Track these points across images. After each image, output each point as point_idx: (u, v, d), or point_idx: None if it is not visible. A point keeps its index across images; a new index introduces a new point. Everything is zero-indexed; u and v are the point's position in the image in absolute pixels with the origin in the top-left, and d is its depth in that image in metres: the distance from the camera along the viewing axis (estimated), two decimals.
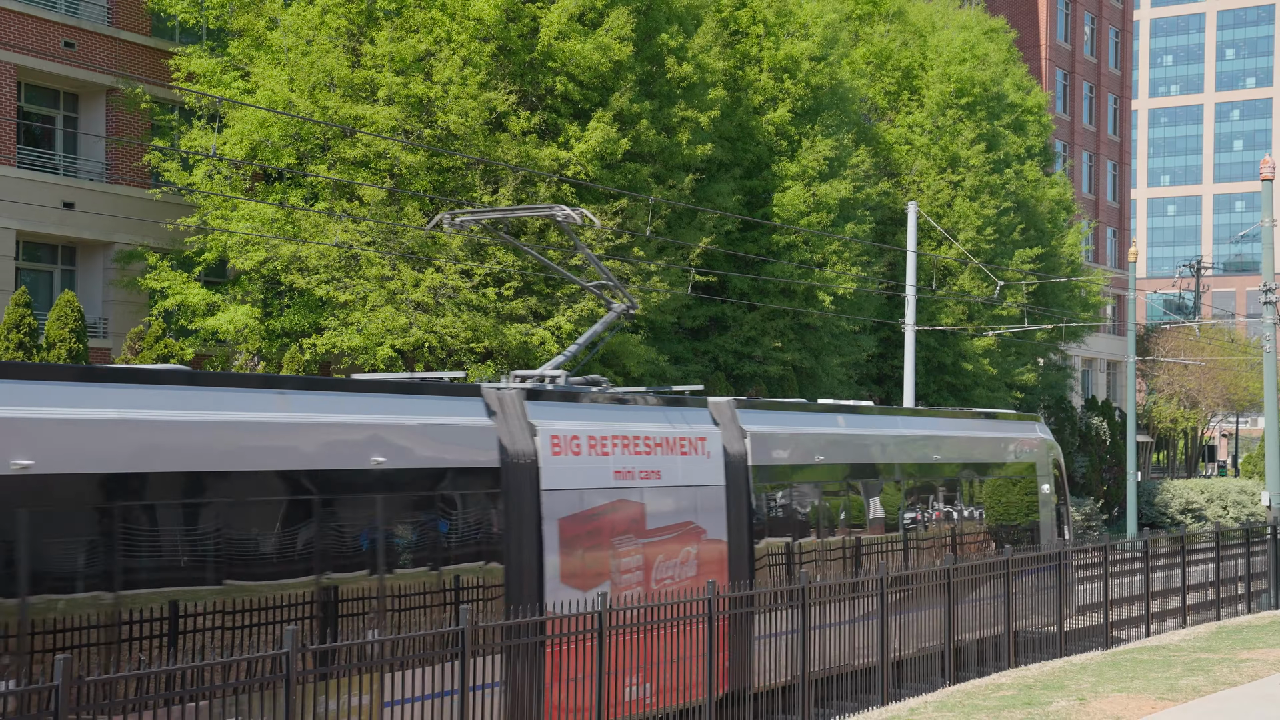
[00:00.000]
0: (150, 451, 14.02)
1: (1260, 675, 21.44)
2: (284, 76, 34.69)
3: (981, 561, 24.35)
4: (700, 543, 20.85)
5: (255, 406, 15.40)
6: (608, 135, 35.15)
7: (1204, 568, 33.58)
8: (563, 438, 18.96)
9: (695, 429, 21.20)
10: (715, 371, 43.20)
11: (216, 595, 14.34)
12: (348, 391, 16.64)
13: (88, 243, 38.54)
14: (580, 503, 19.04)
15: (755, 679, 20.37)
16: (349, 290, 34.54)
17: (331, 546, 15.68)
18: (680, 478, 20.74)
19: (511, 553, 17.86)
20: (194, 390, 14.91)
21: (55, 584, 13.02)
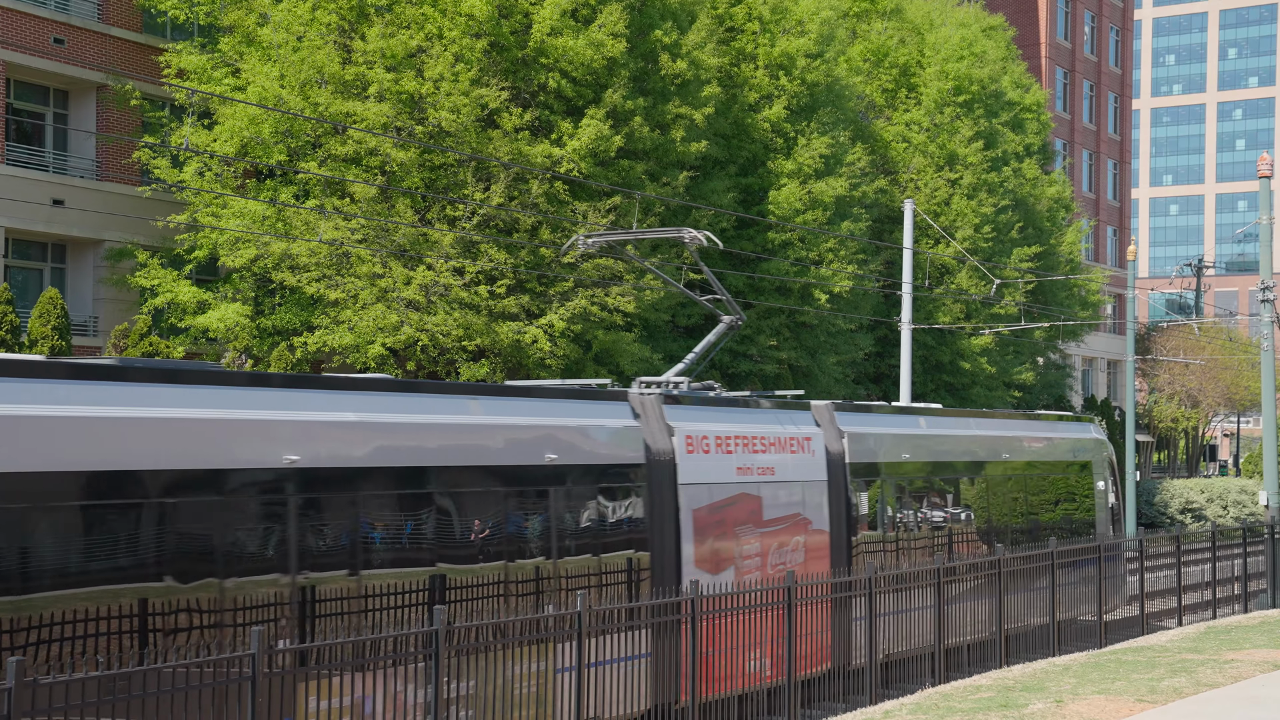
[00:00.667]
0: (388, 450, 16.49)
1: (1244, 676, 21.14)
2: (274, 73, 34.47)
3: (1026, 554, 25.85)
4: (807, 532, 23.12)
5: (458, 411, 17.86)
6: (601, 132, 34.92)
7: (1201, 568, 33.31)
8: (695, 438, 21.14)
9: (801, 430, 23.37)
10: (710, 370, 42.94)
11: (434, 573, 16.81)
12: (523, 397, 19.00)
13: (78, 240, 38.33)
14: (709, 496, 21.25)
15: (854, 656, 22.40)
16: (340, 288, 34.31)
17: (518, 532, 18.13)
18: (790, 474, 22.89)
19: (655, 539, 20.15)
20: (408, 396, 17.35)
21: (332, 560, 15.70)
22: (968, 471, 28.06)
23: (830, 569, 23.08)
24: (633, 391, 20.93)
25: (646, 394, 21.07)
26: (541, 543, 18.41)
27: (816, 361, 45.12)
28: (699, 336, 43.47)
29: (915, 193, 52.54)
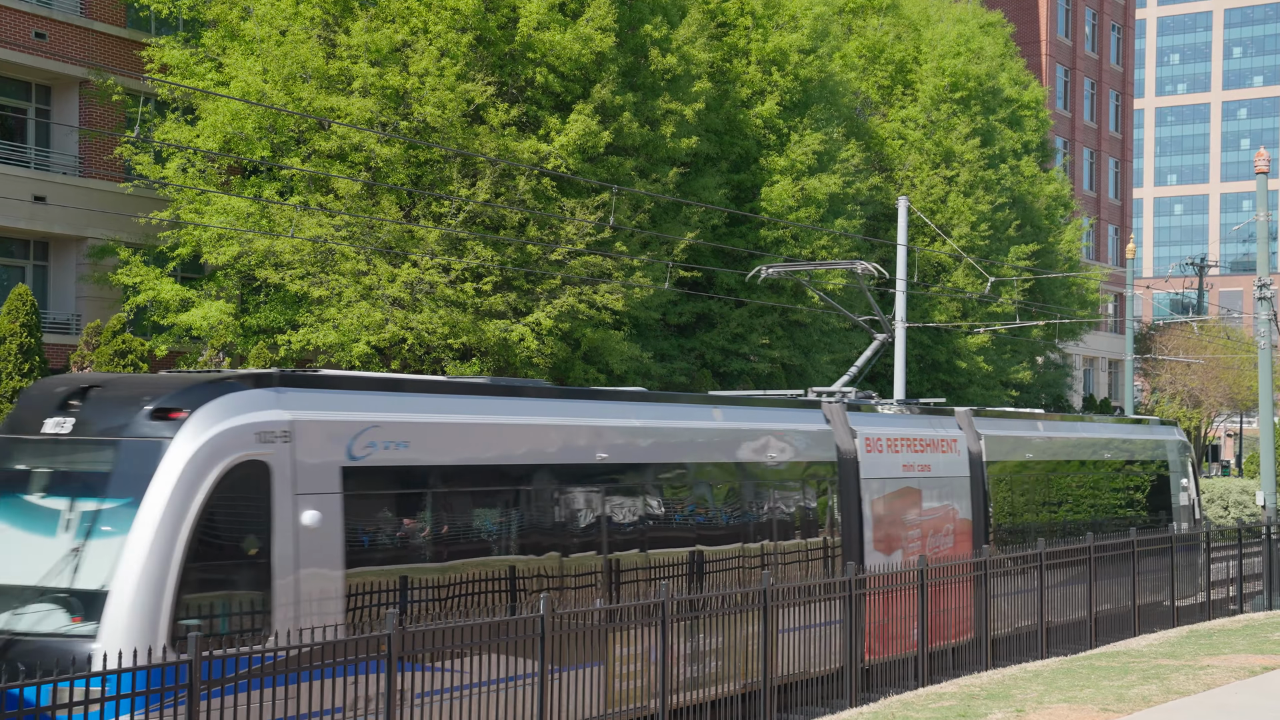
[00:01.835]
0: (662, 448, 20.42)
1: (1217, 683, 20.53)
2: (257, 68, 34.04)
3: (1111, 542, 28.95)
4: (954, 521, 26.88)
5: (705, 418, 21.70)
6: (589, 128, 34.48)
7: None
8: (872, 439, 24.82)
9: (948, 432, 27.12)
10: (702, 369, 42.53)
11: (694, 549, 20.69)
12: (744, 405, 22.81)
13: (60, 237, 37.93)
14: (883, 489, 24.94)
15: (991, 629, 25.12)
16: (324, 286, 33.88)
17: (751, 518, 21.98)
18: (942, 470, 26.55)
19: (845, 525, 23.94)
20: (665, 405, 21.22)
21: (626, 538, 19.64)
22: (1077, 469, 31.65)
23: (972, 551, 26.45)
24: (824, 401, 24.71)
25: (833, 403, 24.70)
26: (766, 526, 22.24)
27: (810, 360, 44.68)
28: (690, 335, 43.08)
29: (911, 190, 52.06)
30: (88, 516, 14.65)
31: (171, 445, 14.70)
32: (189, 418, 14.87)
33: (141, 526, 14.27)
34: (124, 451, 14.91)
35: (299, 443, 15.46)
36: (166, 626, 14.05)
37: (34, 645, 13.87)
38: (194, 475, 14.62)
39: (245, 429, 15.09)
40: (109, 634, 13.84)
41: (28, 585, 14.43)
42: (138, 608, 13.97)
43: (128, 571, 14.07)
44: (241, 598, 14.88)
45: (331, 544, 15.52)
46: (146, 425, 14.92)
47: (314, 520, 15.41)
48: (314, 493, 15.47)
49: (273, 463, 15.18)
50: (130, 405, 15.09)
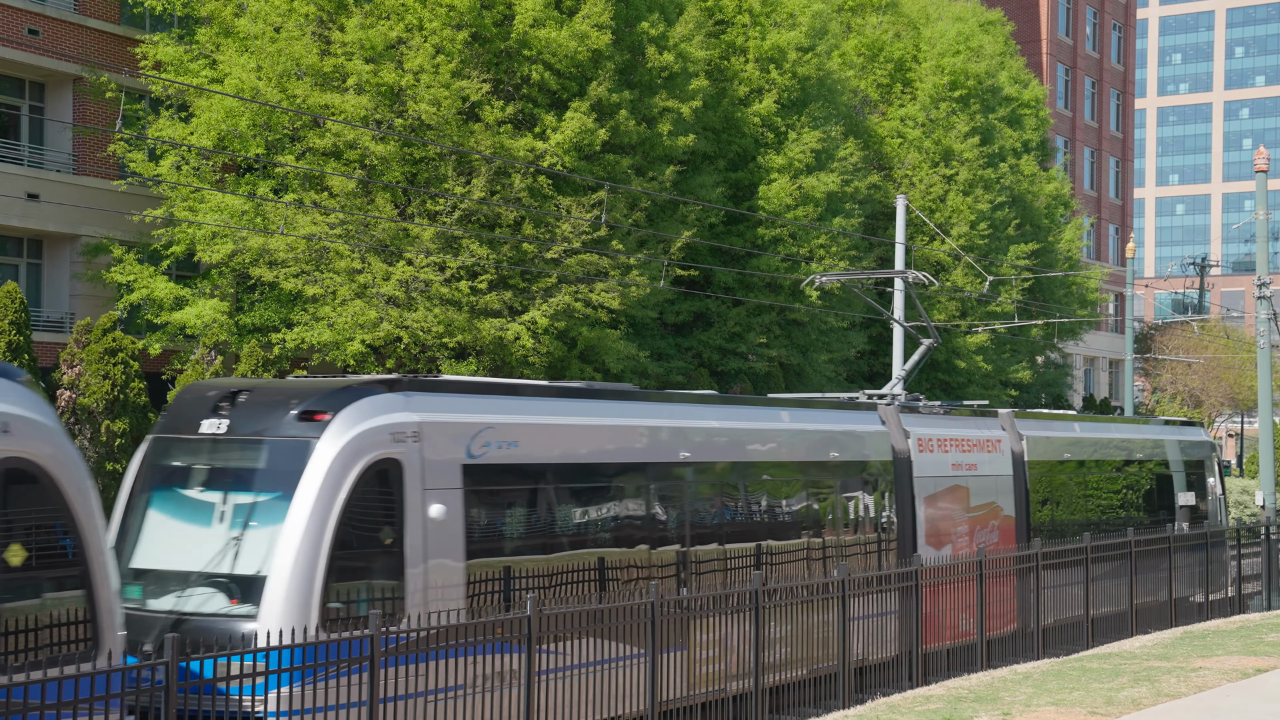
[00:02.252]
0: (737, 447, 22.09)
1: (1208, 686, 20.27)
2: (251, 65, 33.86)
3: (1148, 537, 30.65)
4: (999, 517, 28.41)
5: (774, 420, 23.28)
6: (585, 125, 34.29)
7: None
8: (923, 440, 26.39)
9: (992, 433, 28.76)
10: (699, 368, 42.34)
11: (764, 542, 22.24)
12: (807, 407, 24.47)
13: (54, 235, 37.75)
14: (934, 486, 26.51)
15: (1033, 620, 26.49)
16: (318, 284, 33.69)
17: (815, 512, 23.57)
18: (986, 469, 28.11)
19: (899, 520, 25.55)
20: (739, 408, 22.95)
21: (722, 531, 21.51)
22: (1110, 468, 33.34)
23: (1015, 546, 27.91)
24: (880, 404, 26.39)
25: (887, 405, 26.39)
26: (829, 522, 23.85)
27: (808, 359, 44.50)
28: (688, 334, 42.91)
29: (910, 189, 51.86)
30: (243, 509, 16.20)
31: (318, 445, 16.23)
32: (332, 420, 16.42)
33: (294, 518, 15.82)
34: (275, 450, 16.44)
35: (426, 442, 16.99)
36: (318, 608, 15.55)
37: (199, 624, 15.43)
38: (339, 472, 16.15)
39: (381, 429, 16.63)
40: (267, 615, 15.35)
41: (192, 570, 15.93)
42: (293, 591, 15.52)
43: (283, 559, 15.62)
44: (378, 584, 16.38)
45: (454, 535, 17.07)
46: (295, 426, 16.45)
47: (440, 513, 16.94)
48: (439, 488, 17.02)
49: (405, 460, 16.70)
50: (279, 408, 16.68)
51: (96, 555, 13.12)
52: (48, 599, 12.80)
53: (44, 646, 12.53)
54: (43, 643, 12.58)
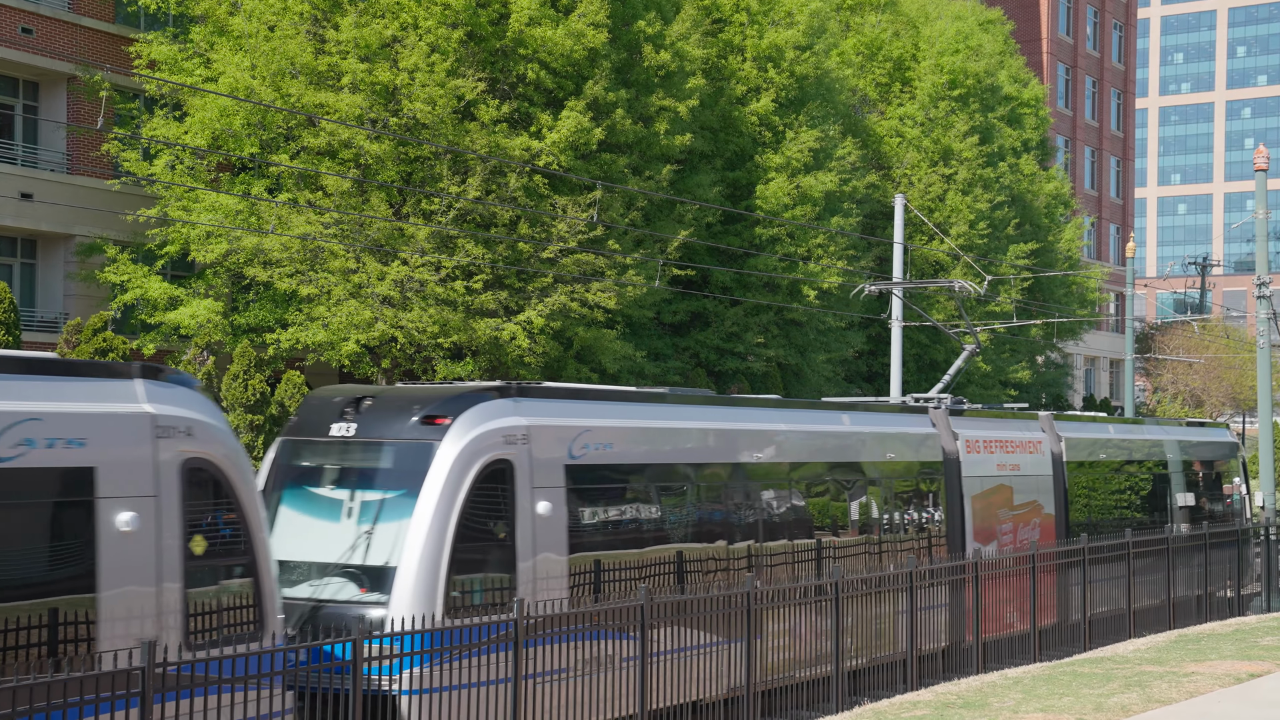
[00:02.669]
0: (806, 449, 23.60)
1: (1200, 692, 19.95)
2: (245, 63, 33.69)
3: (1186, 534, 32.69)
4: (1040, 515, 29.77)
5: (837, 422, 24.73)
6: (581, 124, 34.11)
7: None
8: (971, 441, 27.78)
9: (1033, 434, 30.17)
10: (696, 368, 42.16)
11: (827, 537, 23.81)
12: (865, 411, 26.08)
13: (47, 235, 37.58)
14: (981, 486, 27.85)
15: (1071, 613, 28.04)
16: (312, 284, 33.53)
17: (874, 510, 25.08)
18: (1028, 469, 29.46)
19: (949, 518, 26.95)
20: (801, 411, 24.35)
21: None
22: (1143, 468, 34.73)
23: (1056, 543, 29.18)
24: (931, 407, 27.74)
25: (937, 408, 27.79)
26: (885, 519, 25.32)
27: (806, 360, 44.32)
28: (685, 334, 42.73)
29: (909, 188, 51.67)
30: (372, 505, 17.58)
31: (440, 447, 17.56)
32: (452, 424, 17.76)
33: (420, 514, 17.14)
34: (401, 452, 17.81)
35: (534, 444, 18.40)
36: (443, 596, 16.90)
37: (333, 610, 16.76)
38: (459, 471, 17.48)
39: (495, 432, 18.01)
40: (397, 602, 16.67)
41: (326, 561, 17.33)
42: (421, 580, 16.84)
43: (411, 551, 16.94)
44: (493, 575, 17.73)
45: (558, 530, 18.47)
46: (418, 430, 17.80)
47: (546, 510, 18.34)
48: (545, 486, 18.44)
49: (516, 461, 18.09)
50: (402, 414, 18.07)
51: (260, 545, 14.72)
52: (222, 584, 14.39)
53: (224, 627, 14.22)
54: (219, 624, 14.20)
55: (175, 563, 13.83)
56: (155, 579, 13.65)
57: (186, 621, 13.81)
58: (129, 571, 13.41)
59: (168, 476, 13.89)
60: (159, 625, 13.56)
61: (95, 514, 13.29)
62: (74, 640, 12.85)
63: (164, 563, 13.75)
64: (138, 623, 13.36)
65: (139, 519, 13.56)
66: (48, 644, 12.72)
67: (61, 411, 13.25)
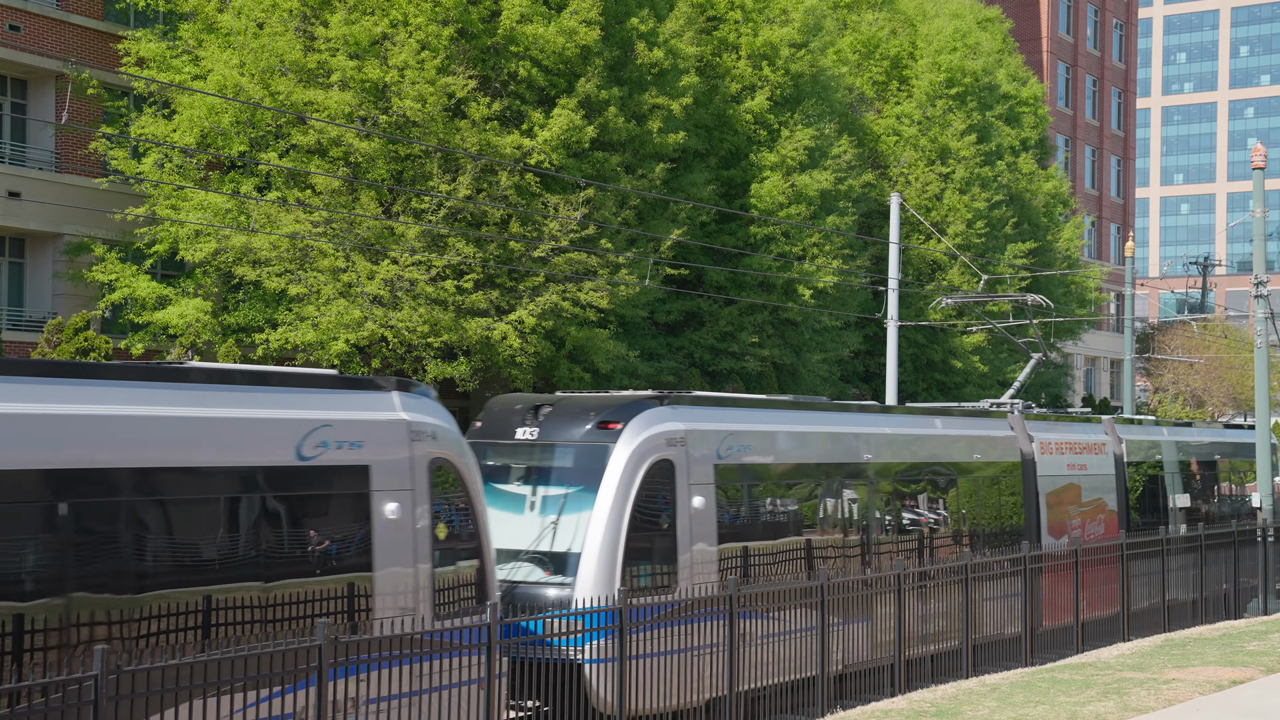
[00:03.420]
0: (906, 450, 26.09)
1: (1179, 699, 19.49)
2: (234, 61, 33.41)
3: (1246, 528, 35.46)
4: (1105, 511, 32.27)
5: (927, 426, 27.20)
6: (573, 122, 33.83)
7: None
8: (1045, 443, 30.21)
9: (1097, 437, 32.62)
10: (690, 368, 41.86)
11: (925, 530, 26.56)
12: (951, 415, 28.37)
13: (36, 234, 37.29)
14: (1053, 484, 30.31)
15: (1131, 603, 29.71)
16: (302, 283, 33.24)
17: (961, 506, 27.50)
18: (1094, 469, 31.93)
19: (1027, 513, 29.34)
20: (893, 416, 26.72)
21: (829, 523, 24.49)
22: (1193, 469, 37.00)
23: (1118, 537, 30.92)
24: (1009, 411, 30.42)
25: (1014, 412, 30.37)
26: (974, 513, 27.69)
27: (801, 359, 44.00)
28: (679, 334, 42.44)
29: (906, 187, 51.35)
30: (555, 499, 20.06)
31: (615, 449, 20.08)
32: (624, 429, 20.30)
33: (599, 507, 19.64)
34: (580, 453, 20.29)
35: (689, 446, 20.88)
36: (619, 578, 19.35)
37: (525, 591, 19.33)
38: (631, 470, 19.99)
39: (660, 436, 20.56)
40: (582, 584, 19.16)
41: (518, 548, 19.70)
42: (602, 565, 19.37)
43: (593, 539, 19.47)
44: (658, 560, 20.23)
45: (710, 521, 20.93)
46: (594, 434, 20.28)
47: (700, 503, 20.76)
48: (699, 483, 20.88)
49: (676, 460, 20.60)
50: (580, 419, 20.60)
51: (484, 532, 17.47)
52: (458, 565, 17.04)
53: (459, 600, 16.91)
54: (456, 598, 16.88)
55: (426, 546, 16.44)
56: (413, 559, 16.21)
57: (434, 595, 16.37)
58: (395, 553, 15.97)
59: (419, 473, 16.49)
60: (416, 599, 16.12)
61: (370, 504, 15.85)
62: (359, 611, 15.50)
63: (418, 546, 16.31)
64: (402, 596, 15.96)
65: (400, 509, 16.14)
66: (345, 612, 15.34)
67: (345, 419, 15.85)
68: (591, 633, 17.17)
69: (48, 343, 27.72)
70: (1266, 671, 22.24)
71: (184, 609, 13.91)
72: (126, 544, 13.60)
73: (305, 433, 15.24)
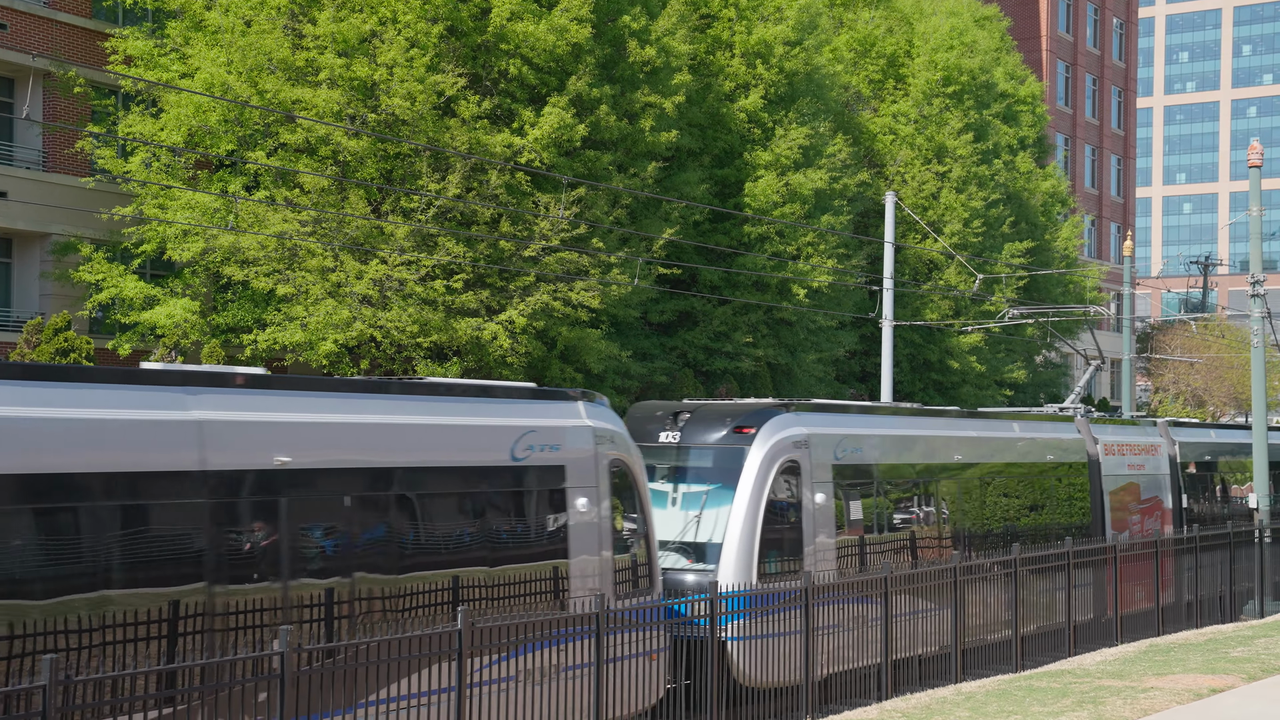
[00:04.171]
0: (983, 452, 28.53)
1: (1156, 709, 19.00)
2: (222, 59, 33.11)
3: None
4: (1161, 508, 34.49)
5: (1006, 430, 29.74)
6: (563, 120, 33.54)
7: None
8: (1108, 445, 32.62)
9: (1153, 439, 34.85)
10: (684, 368, 41.55)
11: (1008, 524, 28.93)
12: (1025, 420, 30.81)
13: (23, 234, 36.99)
14: (1115, 483, 32.57)
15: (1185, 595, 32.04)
16: (290, 283, 32.95)
17: (1040, 503, 30.01)
18: (1150, 469, 34.18)
19: (1093, 509, 31.83)
20: (975, 420, 29.05)
21: None
22: (1241, 468, 39.09)
23: (1173, 533, 33.22)
24: (1076, 416, 32.84)
25: (1080, 417, 32.90)
26: (1049, 509, 30.15)
27: (796, 359, 43.70)
28: (672, 334, 42.15)
29: (902, 186, 51.03)
30: (697, 496, 22.35)
31: (750, 451, 22.46)
32: (757, 433, 22.67)
33: (738, 503, 21.97)
34: (719, 455, 22.67)
35: (812, 449, 23.29)
36: (756, 566, 21.74)
37: (672, 577, 21.34)
38: (764, 470, 22.34)
39: (788, 439, 22.94)
40: (723, 571, 21.41)
41: (664, 539, 21.68)
42: (741, 553, 21.67)
43: (732, 531, 21.80)
44: (787, 551, 22.52)
45: (829, 516, 23.38)
46: (732, 438, 22.68)
47: (821, 500, 23.16)
48: (819, 481, 23.27)
49: (801, 461, 23.00)
50: (717, 425, 23.02)
51: (650, 525, 19.93)
52: (631, 553, 19.56)
53: (631, 583, 19.40)
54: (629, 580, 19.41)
55: (608, 536, 18.92)
56: (598, 547, 18.68)
57: (615, 579, 18.86)
58: (584, 541, 18.51)
59: (602, 471, 19.04)
60: (601, 582, 18.60)
61: (565, 499, 18.41)
62: (557, 592, 18.13)
63: (602, 535, 18.81)
64: (590, 580, 18.45)
65: (588, 503, 18.63)
66: (550, 593, 17.97)
67: (545, 425, 18.47)
68: (734, 614, 19.60)
69: (27, 343, 27.43)
70: (1248, 679, 21.71)
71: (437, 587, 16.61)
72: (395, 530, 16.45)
73: (517, 437, 17.96)
